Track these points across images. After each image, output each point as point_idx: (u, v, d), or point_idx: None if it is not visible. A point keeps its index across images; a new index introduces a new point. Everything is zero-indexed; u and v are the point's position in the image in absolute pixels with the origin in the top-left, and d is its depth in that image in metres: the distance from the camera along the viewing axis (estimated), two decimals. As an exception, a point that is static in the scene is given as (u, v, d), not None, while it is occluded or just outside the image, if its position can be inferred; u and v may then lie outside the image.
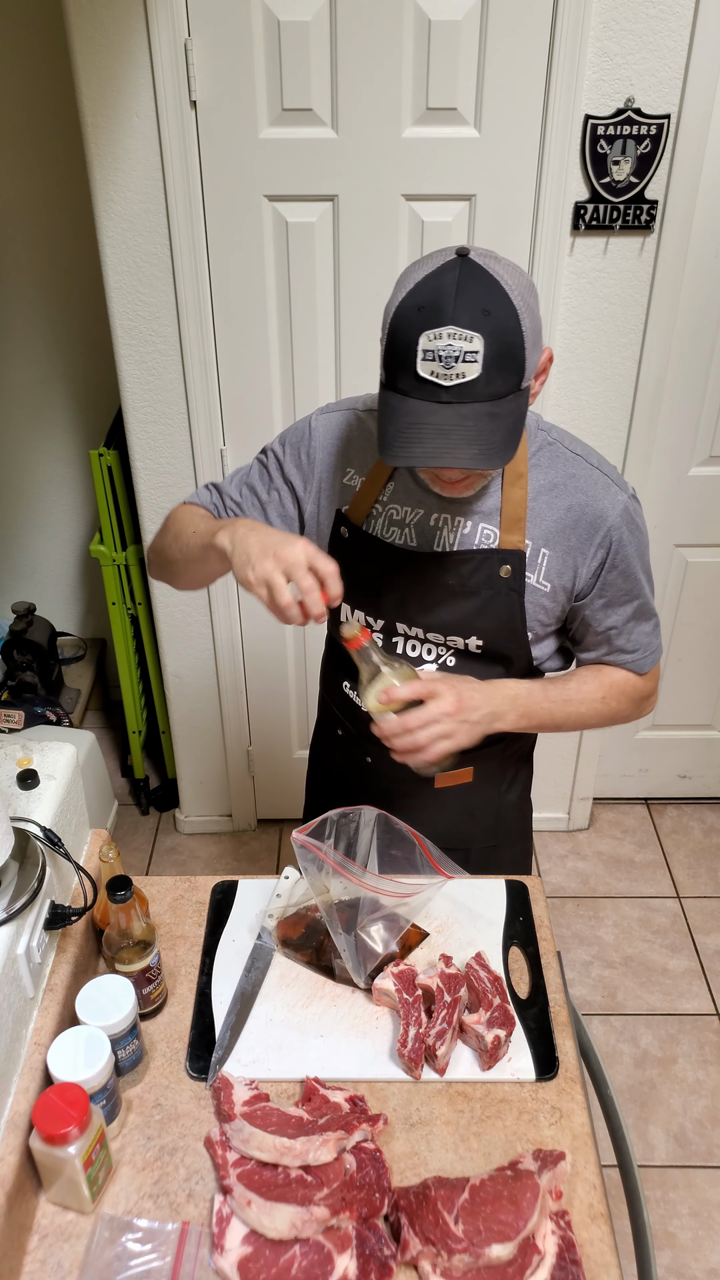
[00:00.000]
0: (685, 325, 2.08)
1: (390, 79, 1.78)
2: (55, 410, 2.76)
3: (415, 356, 1.01)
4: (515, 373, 1.03)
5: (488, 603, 1.24)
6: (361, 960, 1.22)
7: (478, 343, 1.00)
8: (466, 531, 1.23)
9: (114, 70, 1.77)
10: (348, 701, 1.41)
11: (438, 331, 1.00)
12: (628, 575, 1.25)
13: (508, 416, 1.04)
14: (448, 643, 1.28)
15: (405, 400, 1.04)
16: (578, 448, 1.25)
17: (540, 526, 1.22)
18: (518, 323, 1.02)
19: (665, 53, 1.77)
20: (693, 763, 2.77)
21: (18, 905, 1.08)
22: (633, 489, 1.26)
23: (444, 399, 1.02)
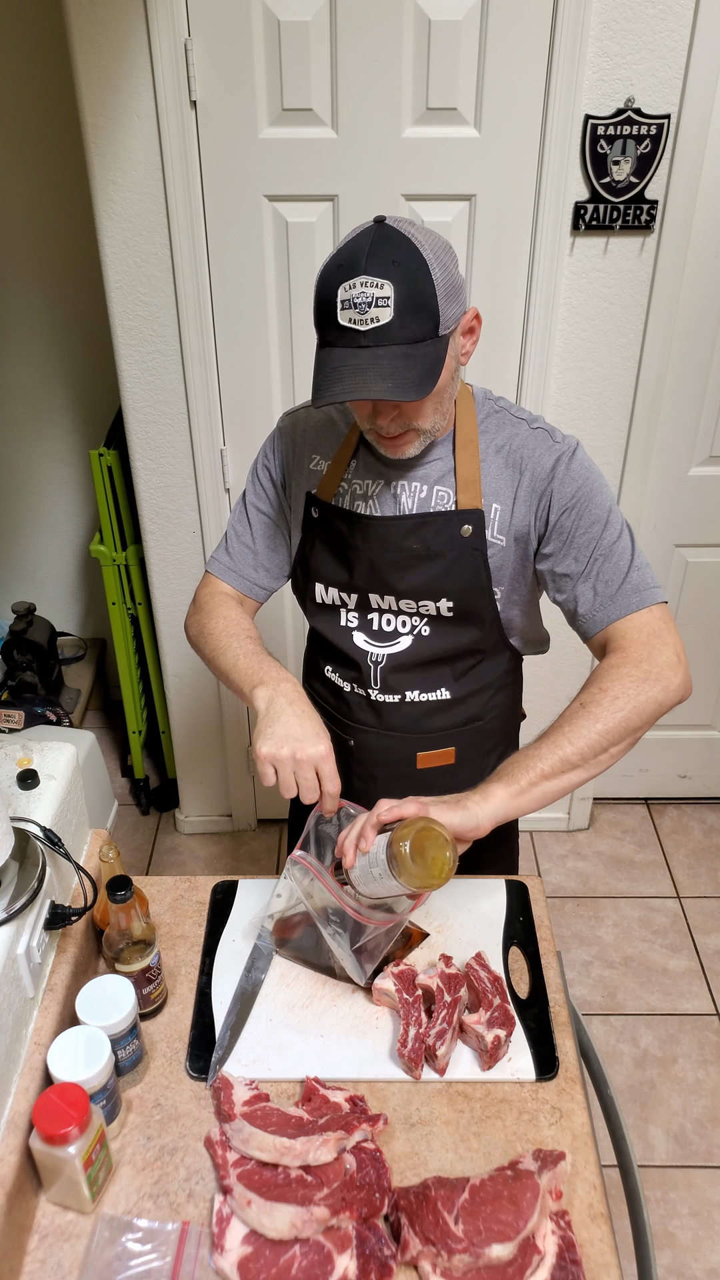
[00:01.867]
0: (685, 325, 2.08)
1: (390, 79, 1.78)
2: (55, 410, 2.76)
3: (335, 308, 1.11)
4: (429, 318, 1.11)
5: (453, 564, 1.29)
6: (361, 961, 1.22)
7: (388, 289, 1.09)
8: (424, 495, 1.29)
9: (114, 70, 1.77)
10: (330, 685, 1.45)
11: (352, 281, 1.10)
12: (582, 506, 1.23)
13: (423, 358, 1.11)
14: (420, 610, 1.32)
15: (331, 350, 1.13)
16: (523, 414, 1.31)
17: (490, 485, 1.28)
18: (427, 272, 1.10)
19: (665, 53, 1.77)
20: (693, 763, 2.77)
21: (18, 905, 1.08)
22: (576, 441, 1.28)
23: (362, 343, 1.10)
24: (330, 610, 1.38)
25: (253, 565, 1.42)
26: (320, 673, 1.47)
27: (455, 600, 1.30)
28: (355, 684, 1.40)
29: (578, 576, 1.25)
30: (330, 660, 1.43)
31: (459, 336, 1.18)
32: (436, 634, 1.33)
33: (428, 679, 1.37)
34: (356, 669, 1.39)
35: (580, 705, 1.19)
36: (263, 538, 1.41)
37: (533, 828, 2.77)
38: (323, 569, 1.36)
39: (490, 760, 1.47)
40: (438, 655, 1.35)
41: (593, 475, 1.27)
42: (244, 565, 1.42)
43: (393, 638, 1.35)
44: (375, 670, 1.37)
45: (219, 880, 1.39)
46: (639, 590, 1.23)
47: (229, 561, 1.42)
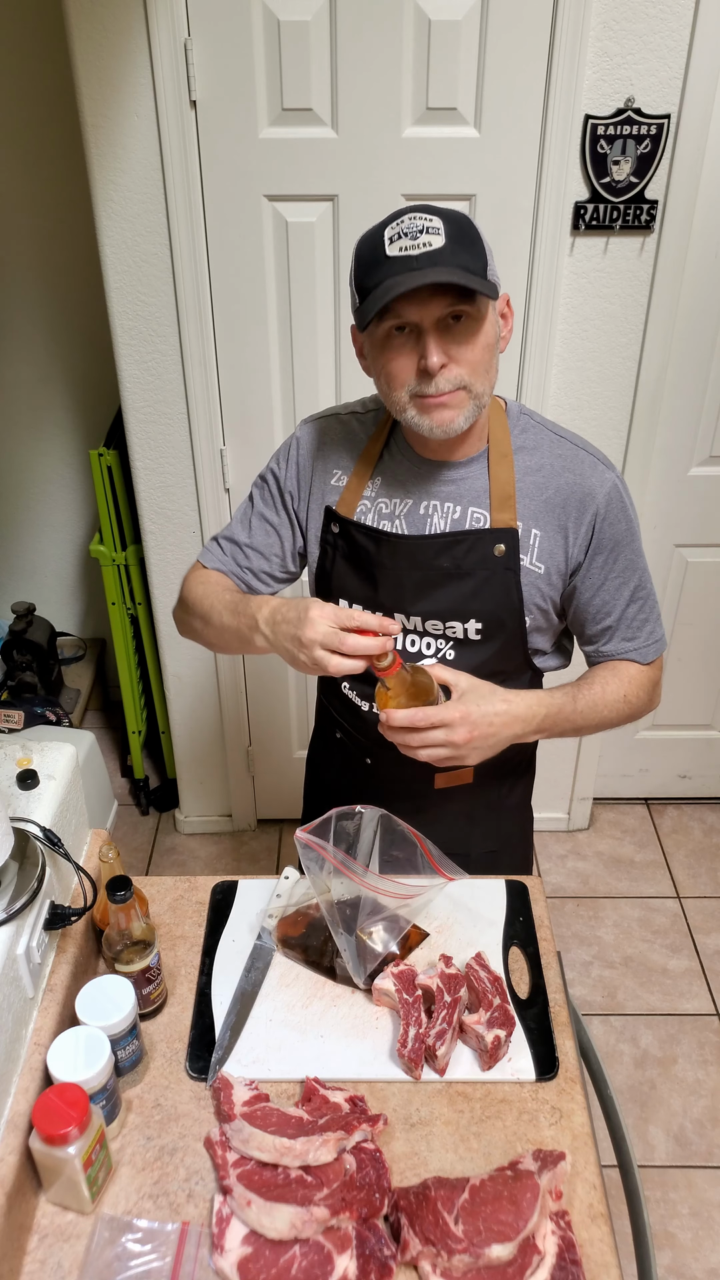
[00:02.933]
0: (685, 325, 2.08)
1: (390, 79, 1.78)
2: (55, 410, 2.76)
3: (383, 245, 1.09)
4: (479, 256, 1.10)
5: (484, 583, 1.24)
6: (361, 960, 1.22)
7: (437, 222, 1.08)
8: (457, 516, 1.24)
9: (114, 70, 1.77)
10: (346, 703, 1.40)
11: (399, 218, 1.09)
12: (619, 555, 1.25)
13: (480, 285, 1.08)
14: (446, 631, 1.28)
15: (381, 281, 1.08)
16: (562, 431, 1.28)
17: (529, 507, 1.23)
18: (472, 224, 1.11)
19: (665, 53, 1.77)
20: (693, 763, 2.77)
21: (18, 905, 1.08)
22: (619, 471, 1.27)
23: (415, 266, 1.07)
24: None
25: (241, 565, 1.37)
26: (338, 690, 1.42)
27: (484, 622, 1.26)
28: (373, 704, 1.35)
29: (603, 615, 1.29)
30: (349, 678, 1.38)
31: (496, 314, 1.16)
32: (461, 658, 1.29)
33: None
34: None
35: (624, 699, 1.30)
36: (259, 540, 1.36)
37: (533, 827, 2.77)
38: (345, 586, 1.31)
39: (508, 778, 1.45)
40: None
41: (634, 514, 1.27)
42: (234, 561, 1.37)
43: (416, 658, 1.31)
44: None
45: (219, 880, 1.39)
46: (653, 641, 1.32)
47: (222, 556, 1.38)
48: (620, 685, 1.31)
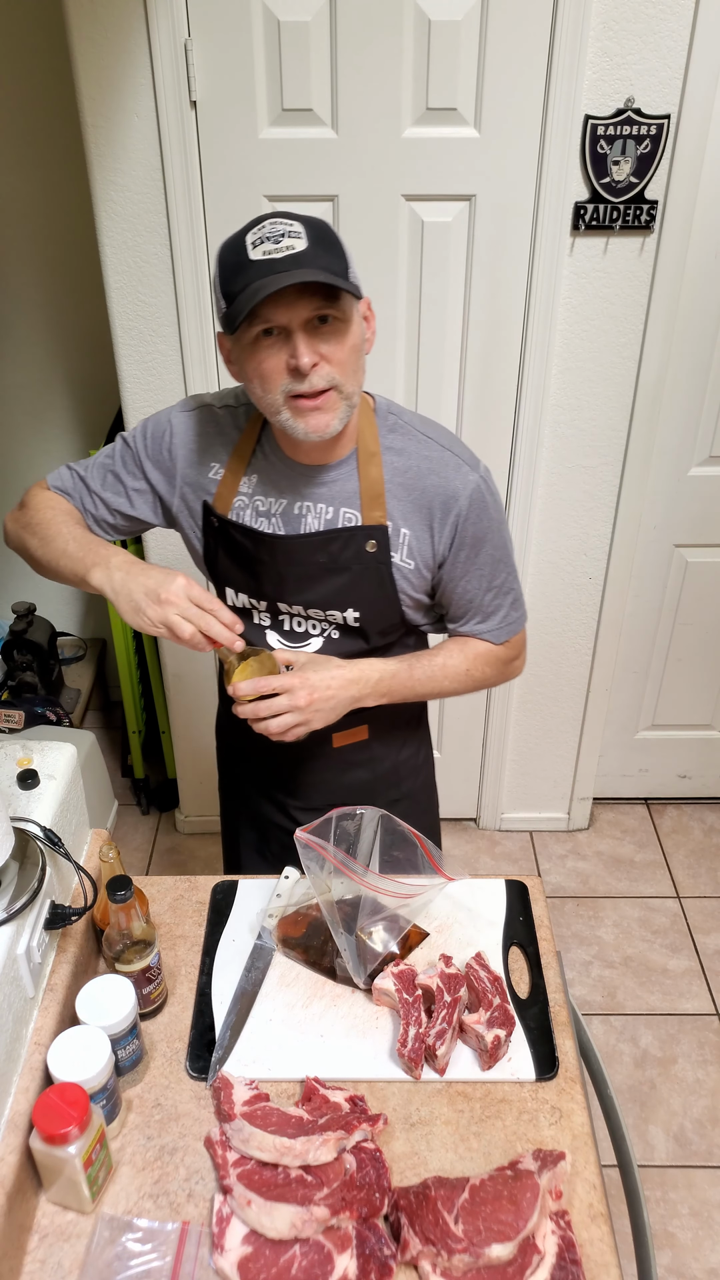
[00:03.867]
0: (685, 325, 2.08)
1: (390, 79, 1.78)
2: (55, 410, 2.76)
3: (247, 251, 1.11)
4: (340, 258, 1.12)
5: (359, 577, 1.30)
6: (361, 960, 1.22)
7: (298, 226, 1.11)
8: (330, 516, 1.29)
9: (114, 70, 1.77)
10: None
11: (261, 223, 1.12)
12: (479, 551, 1.31)
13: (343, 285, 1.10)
14: (327, 617, 1.34)
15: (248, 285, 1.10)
16: (428, 429, 1.31)
17: (398, 507, 1.28)
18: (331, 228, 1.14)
19: (665, 53, 1.77)
20: (693, 763, 2.77)
21: (18, 905, 1.08)
22: (485, 467, 1.31)
23: (280, 268, 1.09)
24: (242, 610, 1.38)
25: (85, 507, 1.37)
26: None
27: (362, 610, 1.32)
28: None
29: (464, 603, 1.36)
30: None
31: (359, 317, 1.18)
32: (345, 638, 1.35)
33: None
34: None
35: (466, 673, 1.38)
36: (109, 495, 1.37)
37: (533, 828, 2.77)
38: (230, 575, 1.36)
39: (401, 733, 1.51)
40: (347, 655, 1.36)
41: (497, 511, 1.32)
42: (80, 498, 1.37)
43: (304, 639, 1.36)
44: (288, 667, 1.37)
45: (219, 880, 1.39)
46: (507, 625, 1.39)
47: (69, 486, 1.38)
48: (464, 660, 1.38)
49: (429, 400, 2.11)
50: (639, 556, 2.38)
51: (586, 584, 2.35)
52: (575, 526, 2.27)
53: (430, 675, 1.37)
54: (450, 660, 1.38)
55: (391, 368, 2.07)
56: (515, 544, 2.25)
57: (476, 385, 2.09)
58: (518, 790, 2.71)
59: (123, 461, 1.37)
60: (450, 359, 2.06)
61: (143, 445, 1.35)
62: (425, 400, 2.11)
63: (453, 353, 2.06)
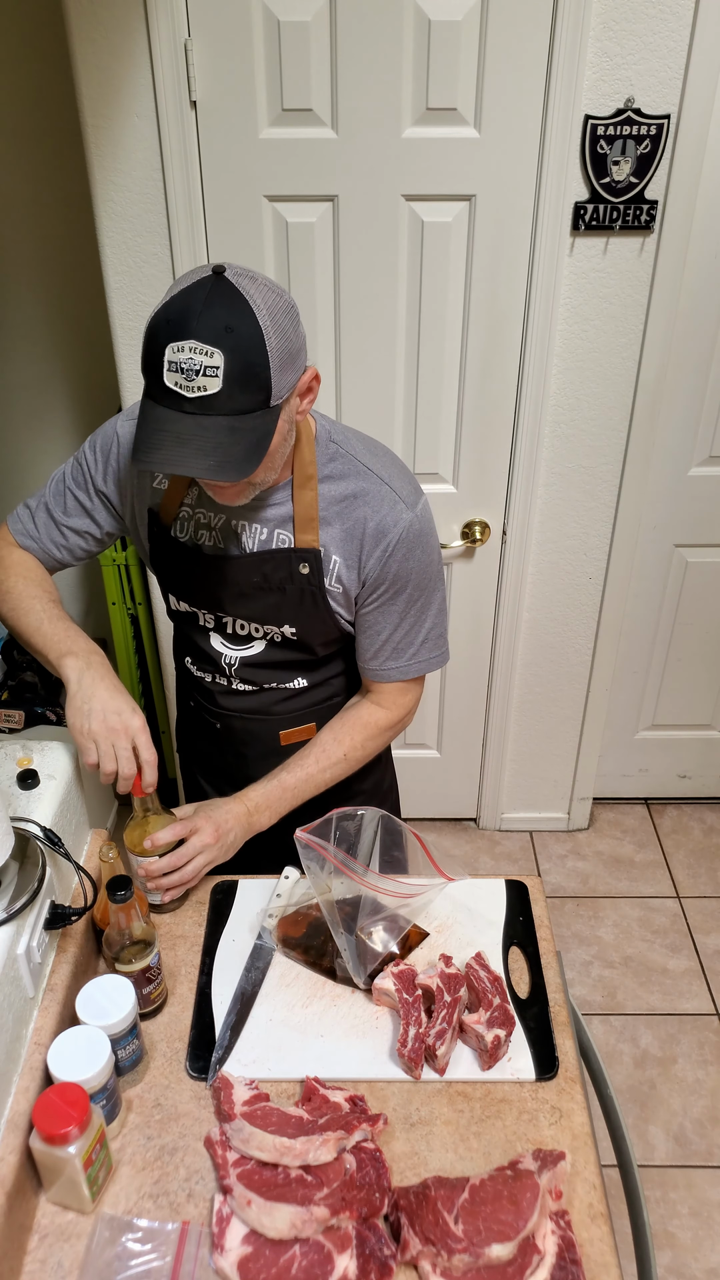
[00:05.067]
0: (685, 325, 2.08)
1: (390, 79, 1.78)
2: (55, 410, 2.76)
3: (162, 367, 1.05)
4: (259, 390, 1.06)
5: (293, 597, 1.31)
6: (361, 960, 1.22)
7: (218, 358, 1.03)
8: (264, 538, 1.29)
9: (114, 70, 1.77)
10: (190, 675, 1.48)
11: (180, 344, 1.04)
12: (400, 592, 1.31)
13: (250, 432, 1.07)
14: (265, 631, 1.35)
15: (155, 407, 1.08)
16: (369, 459, 1.29)
17: (331, 534, 1.28)
18: (262, 342, 1.05)
19: (665, 53, 1.77)
20: (693, 763, 2.77)
21: (18, 905, 1.08)
22: (423, 501, 1.30)
23: (187, 409, 1.05)
24: (187, 614, 1.40)
25: (56, 543, 1.40)
26: (182, 663, 1.50)
27: (297, 626, 1.33)
28: (215, 675, 1.43)
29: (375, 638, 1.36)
30: (190, 654, 1.46)
31: (295, 399, 1.14)
32: (281, 650, 1.37)
33: (283, 674, 1.41)
34: (214, 664, 1.42)
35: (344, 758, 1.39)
36: (74, 521, 1.39)
37: (533, 828, 2.77)
38: (173, 584, 1.38)
39: None
40: (290, 660, 1.38)
41: (427, 552, 1.31)
42: (47, 539, 1.40)
43: (247, 641, 1.38)
44: (231, 669, 1.40)
45: (219, 880, 1.39)
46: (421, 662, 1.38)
47: (33, 530, 1.40)
48: (338, 744, 1.39)
49: (429, 400, 2.11)
50: (639, 556, 2.38)
51: (586, 584, 2.35)
52: (575, 526, 2.27)
53: (308, 776, 1.38)
54: (325, 752, 1.39)
55: (392, 368, 2.07)
56: (515, 543, 2.27)
57: (476, 385, 2.09)
58: (518, 790, 2.71)
59: (76, 481, 1.38)
60: (450, 359, 2.06)
61: (92, 460, 1.36)
62: (425, 400, 2.11)
63: (453, 353, 2.06)
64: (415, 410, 2.13)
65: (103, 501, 1.37)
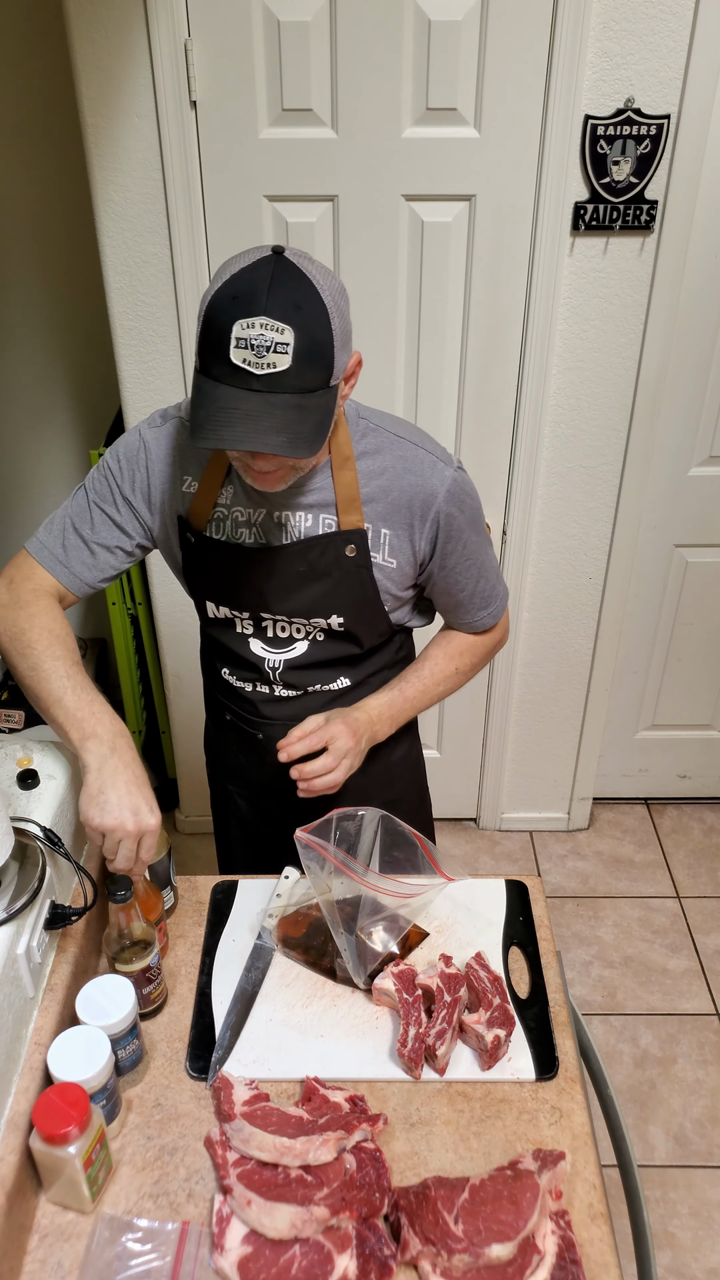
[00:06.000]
0: (685, 325, 2.08)
1: (390, 79, 1.78)
2: (55, 410, 2.76)
3: (229, 344, 1.04)
4: (324, 369, 1.08)
5: (339, 582, 1.30)
6: (361, 961, 1.22)
7: (289, 335, 1.04)
8: (309, 524, 1.28)
9: (114, 70, 1.77)
10: (229, 687, 1.46)
11: (250, 320, 1.04)
12: (463, 544, 1.32)
13: (316, 410, 1.08)
14: (312, 624, 1.34)
15: (218, 386, 1.07)
16: (399, 429, 1.30)
17: (377, 509, 1.28)
18: (328, 320, 1.06)
19: (665, 53, 1.77)
20: (693, 763, 2.77)
21: (18, 905, 1.08)
22: (458, 460, 1.32)
23: (254, 386, 1.05)
24: (224, 622, 1.38)
25: (86, 564, 1.33)
26: (218, 675, 1.47)
27: (345, 616, 1.32)
28: (256, 683, 1.42)
29: (459, 595, 1.38)
30: (228, 664, 1.43)
31: (342, 383, 1.15)
32: (331, 642, 1.36)
33: (326, 673, 1.40)
34: (256, 671, 1.40)
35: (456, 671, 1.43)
36: (99, 537, 1.33)
37: (533, 828, 2.77)
38: (210, 589, 1.35)
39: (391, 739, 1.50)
40: (333, 657, 1.37)
41: (474, 502, 1.33)
42: (76, 561, 1.32)
43: (288, 644, 1.37)
44: (274, 673, 1.39)
45: (219, 880, 1.39)
46: (501, 599, 1.43)
47: (60, 554, 1.32)
48: (449, 659, 1.42)
49: (429, 400, 2.11)
50: (639, 556, 2.38)
51: (586, 584, 2.35)
52: (575, 526, 2.27)
53: (423, 688, 1.41)
54: (437, 666, 1.42)
55: (391, 368, 2.07)
56: (515, 543, 2.27)
57: (476, 385, 2.09)
58: (518, 790, 2.71)
59: (101, 495, 1.33)
60: (450, 359, 2.06)
61: (118, 470, 1.32)
62: (425, 400, 2.11)
63: (453, 353, 2.06)
64: (415, 410, 2.13)
65: (131, 513, 1.33)
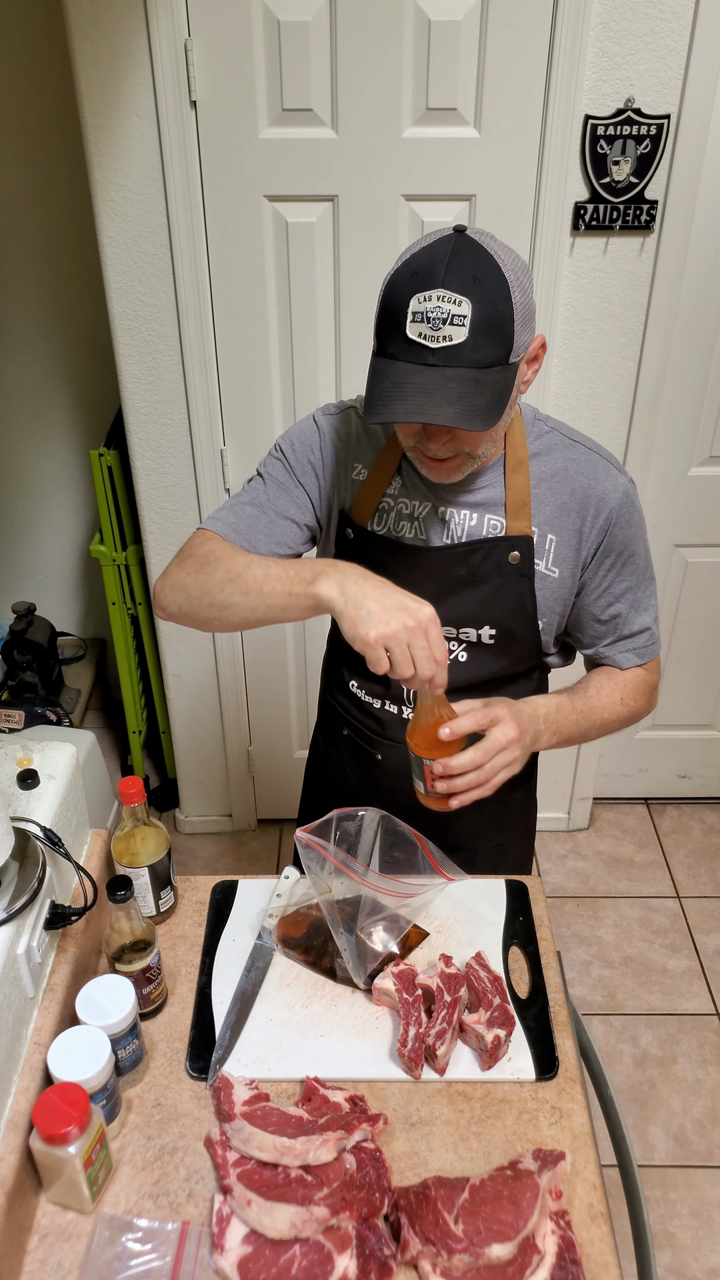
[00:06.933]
0: (685, 325, 2.08)
1: (390, 79, 1.78)
2: (55, 410, 2.77)
3: (405, 319, 1.04)
4: (503, 343, 1.05)
5: (497, 590, 1.25)
6: (362, 960, 1.22)
7: (466, 307, 1.02)
8: (474, 523, 1.25)
9: (114, 70, 1.77)
10: (355, 700, 1.41)
11: (428, 294, 1.03)
12: (627, 557, 1.27)
13: (492, 385, 1.05)
14: (460, 635, 1.29)
15: (393, 363, 1.06)
16: (576, 435, 1.27)
17: (545, 513, 1.24)
18: (508, 293, 1.04)
19: (665, 53, 1.77)
20: (693, 763, 2.77)
21: (18, 905, 1.08)
22: (630, 475, 1.28)
23: (430, 360, 1.04)
24: None
25: (263, 531, 1.27)
26: (345, 686, 1.42)
27: (498, 628, 1.27)
28: (385, 701, 1.37)
29: (605, 622, 1.31)
30: (358, 675, 1.39)
31: (524, 364, 1.12)
32: (474, 660, 1.30)
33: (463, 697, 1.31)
34: (387, 686, 1.35)
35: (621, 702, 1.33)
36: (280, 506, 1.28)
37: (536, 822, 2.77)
38: None
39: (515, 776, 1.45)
40: (472, 681, 1.31)
41: (643, 522, 1.28)
42: (251, 529, 1.26)
43: None
44: (407, 691, 1.33)
45: (219, 880, 1.39)
46: (652, 642, 1.34)
47: (235, 522, 1.27)
48: (615, 689, 1.33)
49: (429, 400, 2.11)
50: (639, 556, 2.38)
51: (586, 584, 2.35)
52: (575, 526, 2.27)
53: (589, 707, 1.29)
54: (603, 691, 1.31)
55: (391, 368, 2.07)
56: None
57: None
58: (518, 790, 2.71)
59: (276, 480, 1.30)
60: (450, 359, 2.06)
61: (292, 455, 1.30)
62: (425, 400, 2.11)
63: (453, 353, 2.06)
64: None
65: (304, 494, 1.29)
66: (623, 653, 1.33)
